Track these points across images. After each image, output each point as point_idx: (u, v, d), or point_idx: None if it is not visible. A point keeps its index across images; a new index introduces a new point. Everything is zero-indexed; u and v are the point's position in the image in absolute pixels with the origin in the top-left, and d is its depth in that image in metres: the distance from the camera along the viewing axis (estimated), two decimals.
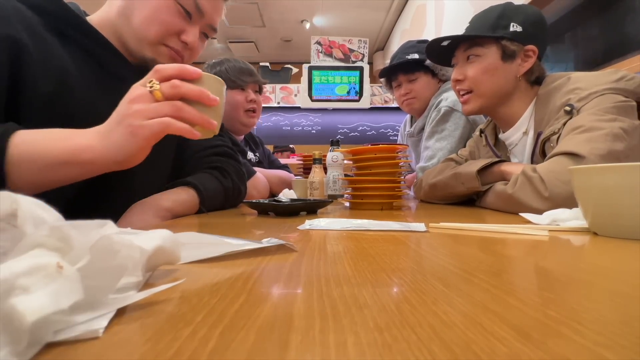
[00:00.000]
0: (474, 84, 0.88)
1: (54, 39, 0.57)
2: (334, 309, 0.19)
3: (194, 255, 0.30)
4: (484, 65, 0.86)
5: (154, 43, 0.64)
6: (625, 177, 0.38)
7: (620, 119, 0.66)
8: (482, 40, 0.86)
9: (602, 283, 0.24)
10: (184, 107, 0.47)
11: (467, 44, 0.88)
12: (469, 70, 0.88)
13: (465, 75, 0.89)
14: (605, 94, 0.70)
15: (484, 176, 0.83)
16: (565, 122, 0.72)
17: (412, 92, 1.36)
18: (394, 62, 1.35)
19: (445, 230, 0.48)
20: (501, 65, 0.85)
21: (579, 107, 0.72)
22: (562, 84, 0.80)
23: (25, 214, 0.18)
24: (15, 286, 0.14)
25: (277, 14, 3.80)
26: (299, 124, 4.28)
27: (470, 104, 0.90)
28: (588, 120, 0.67)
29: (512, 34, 0.83)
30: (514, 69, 0.85)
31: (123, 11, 0.63)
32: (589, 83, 0.74)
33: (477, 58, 0.87)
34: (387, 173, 0.85)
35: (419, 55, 1.31)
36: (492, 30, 0.84)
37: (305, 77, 3.26)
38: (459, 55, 0.91)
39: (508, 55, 0.84)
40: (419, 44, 1.34)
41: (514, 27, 0.83)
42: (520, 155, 0.90)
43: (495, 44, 0.84)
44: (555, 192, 0.62)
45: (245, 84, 1.27)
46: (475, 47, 0.87)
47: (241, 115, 1.28)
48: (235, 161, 0.87)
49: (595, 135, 0.64)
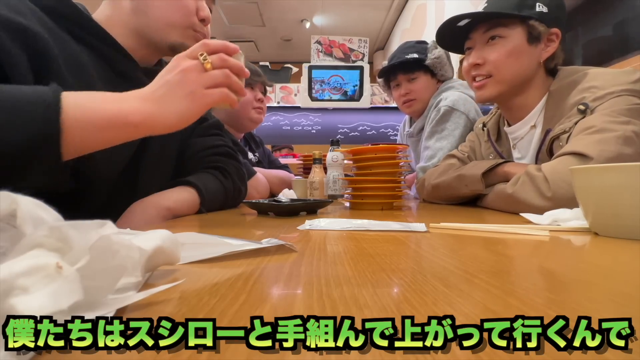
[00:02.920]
0: (496, 68, 0.81)
1: (68, 37, 0.58)
2: (334, 309, 0.19)
3: (193, 255, 0.30)
4: (509, 47, 0.79)
5: (183, 27, 0.68)
6: (626, 177, 0.38)
7: (633, 122, 0.63)
8: (506, 20, 0.78)
9: (603, 283, 0.24)
10: (233, 77, 0.54)
11: (488, 24, 0.80)
12: (491, 53, 0.80)
13: (485, 59, 0.81)
14: (622, 96, 0.67)
15: (487, 177, 0.81)
16: (577, 121, 0.70)
17: (412, 93, 1.35)
18: (393, 61, 1.35)
19: (445, 231, 0.48)
20: (527, 49, 0.78)
21: (594, 107, 0.69)
22: (577, 80, 0.76)
23: (24, 214, 0.18)
24: (15, 286, 0.14)
25: (277, 13, 3.80)
26: (299, 123, 4.28)
27: (487, 90, 0.83)
28: (601, 121, 0.65)
29: (539, 14, 0.77)
30: (537, 54, 0.79)
31: (137, 8, 0.65)
32: (606, 82, 0.70)
33: (501, 40, 0.79)
34: (388, 173, 0.85)
35: (418, 55, 1.30)
36: (518, 9, 0.77)
37: (305, 76, 3.26)
38: (477, 37, 0.83)
39: (534, 37, 0.78)
40: (418, 44, 1.34)
41: (540, 7, 0.77)
42: (525, 151, 0.87)
43: (520, 25, 0.78)
44: (559, 192, 0.61)
45: (254, 83, 1.33)
46: (498, 27, 0.79)
47: (250, 112, 1.33)
48: (236, 161, 0.87)
49: (606, 137, 0.62)
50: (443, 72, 1.33)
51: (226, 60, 0.53)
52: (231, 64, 0.54)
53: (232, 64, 0.54)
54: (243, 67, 0.55)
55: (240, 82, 0.56)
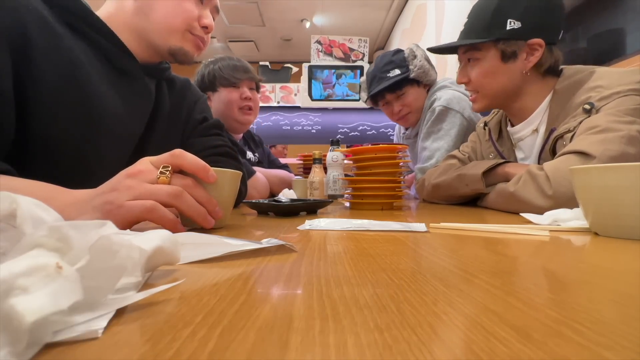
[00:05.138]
0: (478, 86, 0.86)
1: (65, 30, 0.58)
2: (334, 309, 0.19)
3: (193, 255, 0.30)
4: (484, 68, 0.83)
5: (181, 31, 0.68)
6: (626, 177, 0.38)
7: (638, 122, 0.63)
8: (478, 44, 0.82)
9: (603, 283, 0.24)
10: (184, 195, 0.41)
11: (465, 47, 0.86)
12: (471, 73, 0.86)
13: (469, 77, 0.87)
14: (628, 95, 0.67)
15: (488, 177, 0.82)
16: (582, 120, 0.70)
17: (404, 108, 1.33)
18: (378, 85, 1.30)
19: (445, 231, 0.48)
20: (502, 67, 0.81)
21: (599, 106, 0.69)
22: (583, 79, 0.76)
23: (24, 214, 0.18)
24: (15, 286, 0.14)
25: (277, 13, 3.80)
26: (299, 123, 4.27)
27: (477, 103, 0.89)
28: (605, 120, 0.65)
29: (509, 32, 0.78)
30: (518, 67, 0.81)
31: (140, 10, 0.65)
32: (613, 82, 0.70)
33: (477, 61, 0.84)
34: (388, 173, 0.85)
35: (400, 70, 1.27)
36: (487, 31, 0.80)
37: (305, 76, 3.26)
38: (461, 56, 0.89)
39: (508, 55, 0.80)
40: (394, 56, 1.30)
41: (511, 24, 0.78)
42: (528, 151, 0.87)
43: (493, 46, 0.81)
44: (560, 191, 0.61)
45: (238, 81, 1.25)
46: (472, 50, 0.84)
47: (235, 113, 1.25)
48: (236, 161, 0.87)
49: (610, 137, 0.62)
50: (428, 78, 1.31)
51: (190, 188, 0.42)
52: (194, 193, 0.42)
53: (199, 195, 0.43)
54: (211, 202, 0.44)
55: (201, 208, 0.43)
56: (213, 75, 1.24)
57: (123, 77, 0.65)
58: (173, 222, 0.40)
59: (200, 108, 0.85)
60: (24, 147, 0.52)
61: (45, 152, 0.54)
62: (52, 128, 0.54)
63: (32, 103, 0.52)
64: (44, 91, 0.53)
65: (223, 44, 4.43)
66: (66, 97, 0.55)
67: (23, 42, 0.51)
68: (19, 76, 0.51)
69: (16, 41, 0.50)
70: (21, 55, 0.51)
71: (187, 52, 0.69)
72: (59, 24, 0.57)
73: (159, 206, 0.39)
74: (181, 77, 0.85)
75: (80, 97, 0.57)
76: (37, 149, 0.54)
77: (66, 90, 0.55)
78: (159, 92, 0.76)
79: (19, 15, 0.51)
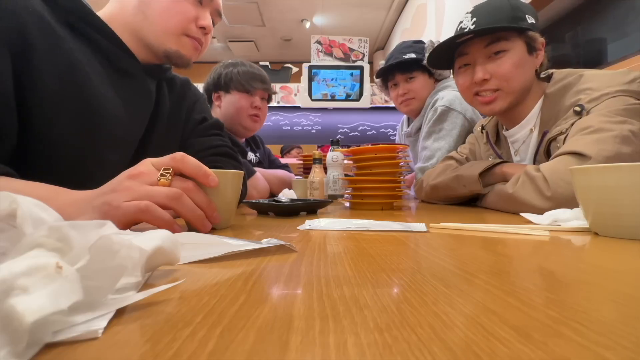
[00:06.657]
0: (505, 81, 0.80)
1: (65, 31, 0.57)
2: (334, 309, 0.19)
3: (193, 255, 0.30)
4: (515, 60, 0.79)
5: (177, 34, 0.67)
6: (626, 177, 0.38)
7: (630, 122, 0.64)
8: (507, 34, 0.79)
9: (603, 283, 0.24)
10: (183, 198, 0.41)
11: (488, 39, 0.81)
12: (498, 68, 0.80)
13: (492, 74, 0.81)
14: (617, 96, 0.68)
15: (485, 178, 0.82)
16: (574, 122, 0.70)
17: (410, 92, 1.36)
18: (391, 61, 1.35)
19: (445, 231, 0.48)
20: (528, 59, 0.80)
21: (589, 108, 0.69)
22: (572, 82, 0.77)
23: (24, 214, 0.18)
24: (15, 286, 0.14)
25: (277, 13, 3.81)
26: (299, 123, 4.27)
27: (498, 103, 0.82)
28: (597, 121, 0.66)
29: (531, 25, 0.78)
30: (535, 62, 0.81)
31: (139, 9, 0.65)
32: (601, 83, 0.71)
33: (506, 53, 0.80)
34: (388, 173, 0.85)
35: (415, 55, 1.30)
36: (514, 22, 0.78)
37: (305, 76, 3.26)
38: (477, 53, 0.82)
39: (532, 47, 0.80)
40: (415, 44, 1.34)
41: (529, 19, 0.79)
42: (524, 154, 0.88)
43: (519, 37, 0.79)
44: (558, 191, 0.61)
45: (253, 90, 1.28)
46: (500, 41, 0.79)
47: (244, 119, 1.28)
48: (236, 161, 0.87)
49: (603, 137, 0.63)
50: (440, 71, 1.33)
51: (190, 192, 0.42)
52: (194, 197, 0.42)
53: (196, 200, 0.43)
54: (210, 206, 0.44)
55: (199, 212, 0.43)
56: (230, 78, 1.27)
57: (124, 78, 0.65)
58: (169, 223, 0.40)
59: (199, 108, 0.85)
60: (24, 150, 0.52)
61: (45, 154, 0.54)
62: (53, 131, 0.54)
63: (33, 106, 0.52)
64: (44, 94, 0.53)
65: (223, 44, 4.43)
66: (67, 100, 0.55)
67: (23, 45, 0.51)
68: (20, 80, 0.51)
69: (16, 45, 0.50)
70: (21, 59, 0.51)
71: (183, 55, 0.68)
72: (60, 24, 0.57)
73: (154, 207, 0.39)
74: (181, 77, 0.85)
75: (80, 100, 0.57)
76: (37, 152, 0.54)
77: (67, 93, 0.55)
78: (159, 92, 0.76)
79: (19, 18, 0.51)
